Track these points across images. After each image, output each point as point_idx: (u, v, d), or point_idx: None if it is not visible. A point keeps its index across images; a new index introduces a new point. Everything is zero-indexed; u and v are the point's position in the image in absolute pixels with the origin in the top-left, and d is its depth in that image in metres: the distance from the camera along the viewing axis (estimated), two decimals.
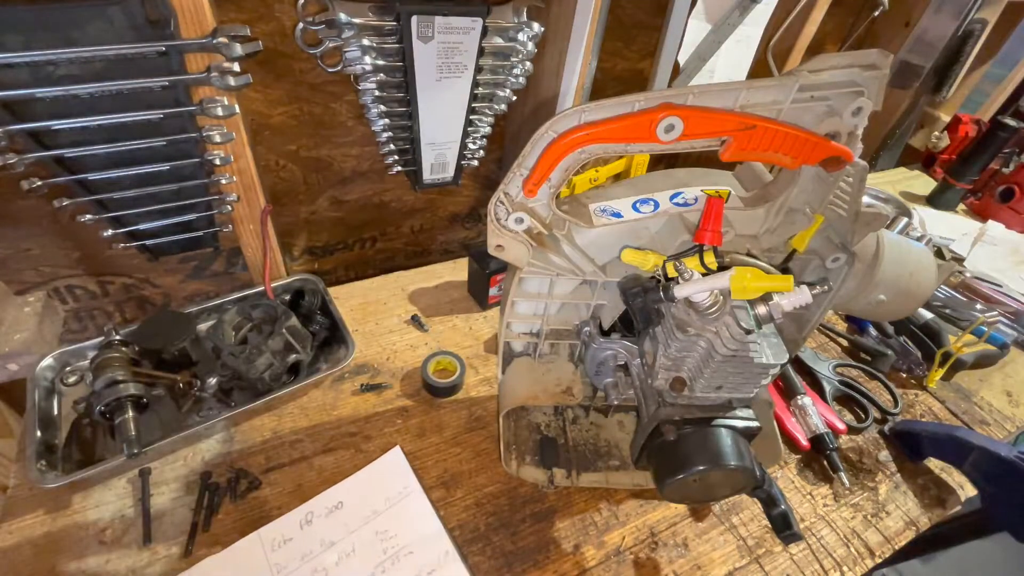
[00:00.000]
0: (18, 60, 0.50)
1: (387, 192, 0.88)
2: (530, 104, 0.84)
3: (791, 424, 0.70)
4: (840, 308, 0.52)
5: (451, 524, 0.57)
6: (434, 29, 0.65)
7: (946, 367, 0.80)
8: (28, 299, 0.68)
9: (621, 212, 0.48)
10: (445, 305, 0.85)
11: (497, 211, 0.44)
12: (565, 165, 0.41)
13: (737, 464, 0.45)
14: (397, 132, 0.76)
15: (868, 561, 0.59)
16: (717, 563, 0.57)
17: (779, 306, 0.41)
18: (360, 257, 0.96)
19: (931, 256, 0.49)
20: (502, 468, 0.62)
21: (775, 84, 0.39)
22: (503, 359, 0.58)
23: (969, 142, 1.28)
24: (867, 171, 0.43)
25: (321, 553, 0.53)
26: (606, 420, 0.68)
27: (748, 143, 0.40)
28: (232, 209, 0.69)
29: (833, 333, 0.89)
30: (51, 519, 0.54)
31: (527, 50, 0.74)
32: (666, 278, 0.44)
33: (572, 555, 0.57)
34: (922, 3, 1.12)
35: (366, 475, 0.60)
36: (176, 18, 0.53)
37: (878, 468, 0.69)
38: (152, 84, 0.56)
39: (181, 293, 0.81)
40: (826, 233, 0.48)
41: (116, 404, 0.55)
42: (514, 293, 0.51)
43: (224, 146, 0.63)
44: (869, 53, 0.39)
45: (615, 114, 0.39)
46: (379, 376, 0.72)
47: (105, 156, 0.59)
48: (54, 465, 0.56)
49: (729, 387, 0.46)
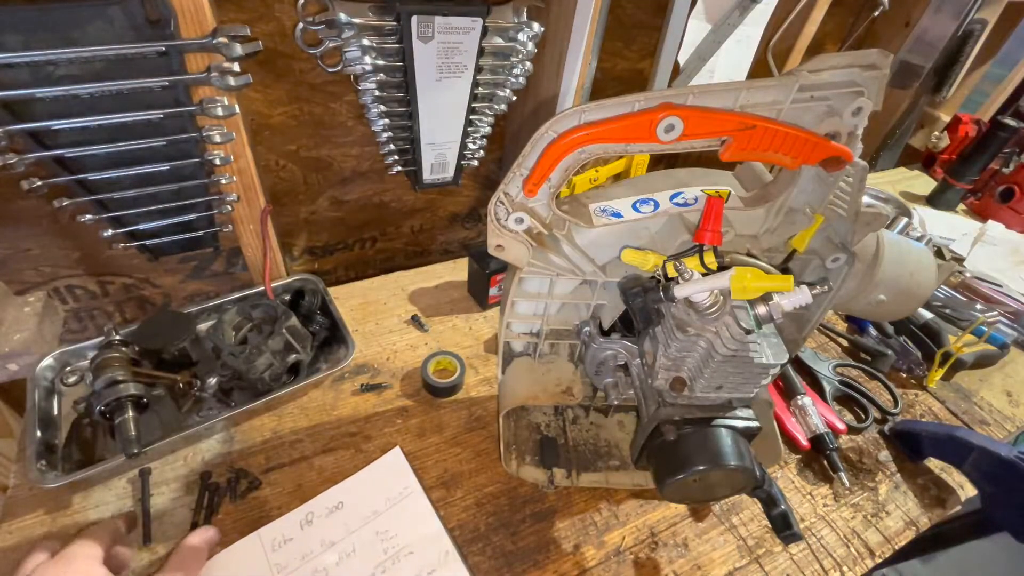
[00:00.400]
0: (18, 60, 0.50)
1: (387, 192, 0.88)
2: (530, 104, 0.84)
3: (791, 424, 0.70)
4: (840, 308, 0.52)
5: (451, 524, 0.57)
6: (434, 29, 0.65)
7: (946, 367, 0.80)
8: (28, 299, 0.68)
9: (621, 212, 0.48)
10: (445, 305, 0.85)
11: (497, 211, 0.44)
12: (565, 165, 0.41)
13: (737, 464, 0.45)
14: (397, 132, 0.76)
15: (868, 561, 0.59)
16: (717, 563, 0.57)
17: (779, 306, 0.41)
18: (360, 257, 0.96)
19: (931, 256, 0.49)
20: (502, 468, 0.62)
21: (775, 84, 0.39)
22: (503, 359, 0.58)
23: (969, 142, 1.28)
24: (867, 171, 0.43)
25: (321, 553, 0.53)
26: (606, 420, 0.68)
27: (748, 143, 0.40)
28: (232, 209, 0.69)
29: (833, 333, 0.89)
30: (51, 519, 0.54)
31: (527, 50, 0.74)
32: (666, 278, 0.44)
33: (572, 555, 0.57)
34: (922, 3, 1.12)
35: (366, 475, 0.60)
36: (176, 18, 0.53)
37: (878, 468, 0.69)
38: (152, 84, 0.56)
39: (181, 293, 0.81)
40: (826, 233, 0.48)
41: (116, 404, 0.55)
42: (514, 293, 0.51)
43: (224, 146, 0.63)
44: (869, 53, 0.39)
45: (615, 114, 0.39)
46: (379, 376, 0.72)
47: (105, 156, 0.59)
48: (54, 465, 0.56)
49: (729, 387, 0.46)
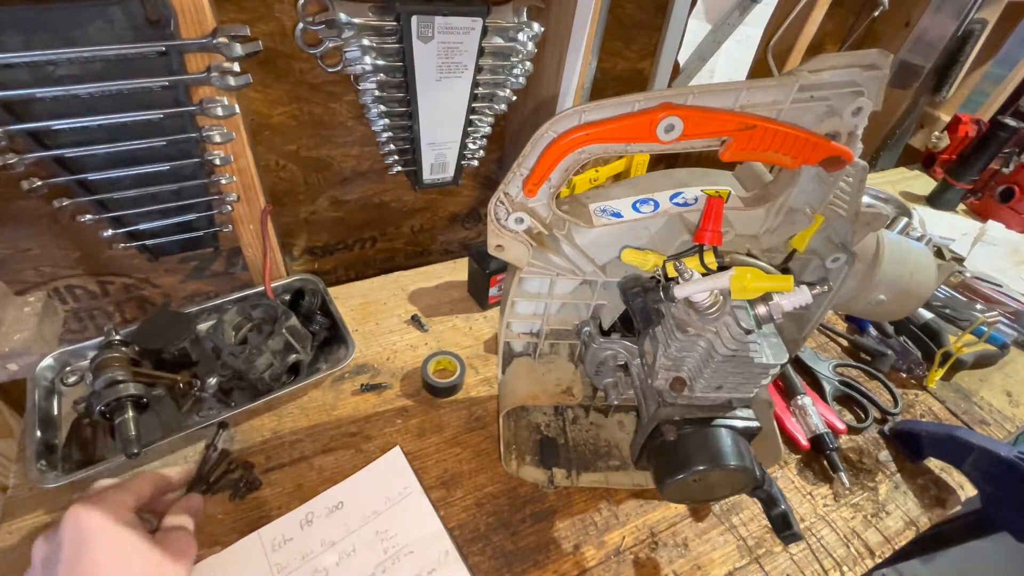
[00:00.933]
0: (18, 60, 0.50)
1: (387, 192, 0.88)
2: (530, 104, 0.84)
3: (791, 424, 0.70)
4: (840, 308, 0.52)
5: (451, 524, 0.57)
6: (434, 29, 0.65)
7: (946, 367, 0.80)
8: (28, 299, 0.68)
9: (621, 212, 0.48)
10: (445, 305, 0.85)
11: (497, 211, 0.44)
12: (565, 165, 0.41)
13: (737, 464, 0.45)
14: (397, 132, 0.76)
15: (868, 561, 0.59)
16: (717, 563, 0.57)
17: (779, 306, 0.41)
18: (360, 257, 0.96)
19: (931, 256, 0.49)
20: (502, 468, 0.62)
21: (775, 84, 0.39)
22: (503, 359, 0.58)
23: (969, 142, 1.28)
24: (867, 171, 0.43)
25: (321, 553, 0.53)
26: (606, 420, 0.68)
27: (748, 143, 0.40)
28: (232, 209, 0.69)
29: (833, 333, 0.89)
30: (51, 519, 0.54)
31: (527, 50, 0.74)
32: (666, 278, 0.44)
33: (572, 555, 0.57)
34: (922, 3, 1.12)
35: (366, 475, 0.60)
36: (176, 18, 0.53)
37: (878, 468, 0.69)
38: (152, 84, 0.56)
39: (181, 293, 0.81)
40: (826, 233, 0.48)
41: (116, 404, 0.55)
42: (514, 293, 0.51)
43: (224, 146, 0.63)
44: (869, 53, 0.39)
45: (615, 114, 0.39)
46: (379, 376, 0.72)
47: (105, 156, 0.59)
48: (54, 465, 0.56)
49: (729, 387, 0.46)
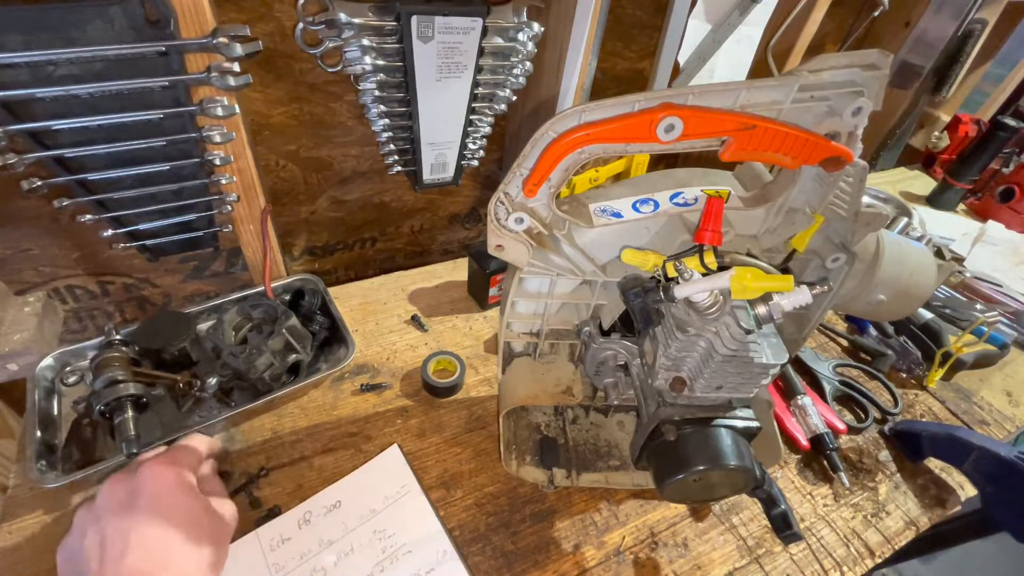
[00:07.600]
0: (18, 60, 0.50)
1: (387, 192, 0.88)
2: (530, 104, 0.84)
3: (791, 424, 0.70)
4: (840, 308, 0.52)
5: (451, 524, 0.57)
6: (434, 29, 0.65)
7: (946, 367, 0.80)
8: (28, 299, 0.68)
9: (621, 212, 0.48)
10: (445, 305, 0.85)
11: (497, 211, 0.44)
12: (565, 165, 0.41)
13: (737, 464, 0.45)
14: (397, 132, 0.76)
15: (868, 561, 0.59)
16: (717, 563, 0.57)
17: (779, 306, 0.41)
18: (360, 257, 0.96)
19: (931, 256, 0.49)
20: (502, 468, 0.62)
21: (775, 84, 0.39)
22: (503, 359, 0.58)
23: (969, 142, 1.28)
24: (867, 171, 0.43)
25: (320, 552, 0.53)
26: (606, 420, 0.68)
27: (748, 143, 0.40)
28: (232, 209, 0.69)
29: (833, 333, 0.89)
30: (51, 519, 0.54)
31: (527, 50, 0.74)
32: (666, 278, 0.44)
33: (572, 555, 0.57)
34: (922, 3, 1.12)
35: (364, 474, 0.60)
36: (176, 18, 0.53)
37: (878, 468, 0.69)
38: (152, 84, 0.56)
39: (181, 293, 0.81)
40: (826, 233, 0.48)
41: (116, 404, 0.55)
42: (514, 293, 0.51)
43: (224, 146, 0.63)
44: (869, 53, 0.39)
45: (615, 114, 0.39)
46: (379, 376, 0.72)
47: (105, 156, 0.59)
48: (54, 465, 0.56)
49: (729, 387, 0.46)
